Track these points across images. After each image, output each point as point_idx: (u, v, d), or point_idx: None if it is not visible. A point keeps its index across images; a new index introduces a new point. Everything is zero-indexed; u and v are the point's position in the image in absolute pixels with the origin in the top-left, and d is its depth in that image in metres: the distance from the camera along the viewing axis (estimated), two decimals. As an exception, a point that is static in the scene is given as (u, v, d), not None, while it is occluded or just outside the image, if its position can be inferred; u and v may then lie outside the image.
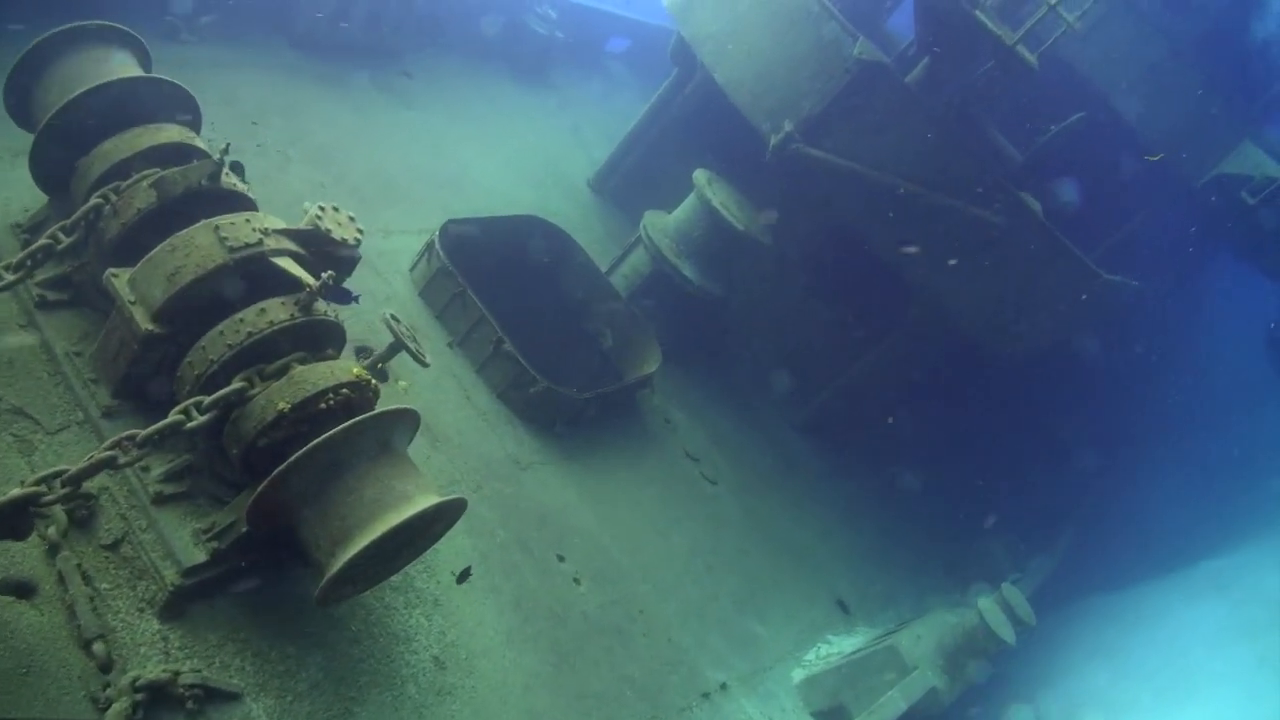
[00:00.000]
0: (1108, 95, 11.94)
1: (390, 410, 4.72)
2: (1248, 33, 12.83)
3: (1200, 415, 15.81)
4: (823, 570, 9.40)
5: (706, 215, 9.25)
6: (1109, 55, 11.90)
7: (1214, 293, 16.74)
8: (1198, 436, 15.35)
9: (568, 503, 7.38)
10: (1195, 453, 14.78)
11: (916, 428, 11.36)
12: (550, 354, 9.43)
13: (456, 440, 7.01)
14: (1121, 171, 12.34)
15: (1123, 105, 11.95)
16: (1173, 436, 15.14)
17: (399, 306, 7.66)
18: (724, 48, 9.57)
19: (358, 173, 8.66)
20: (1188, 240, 13.26)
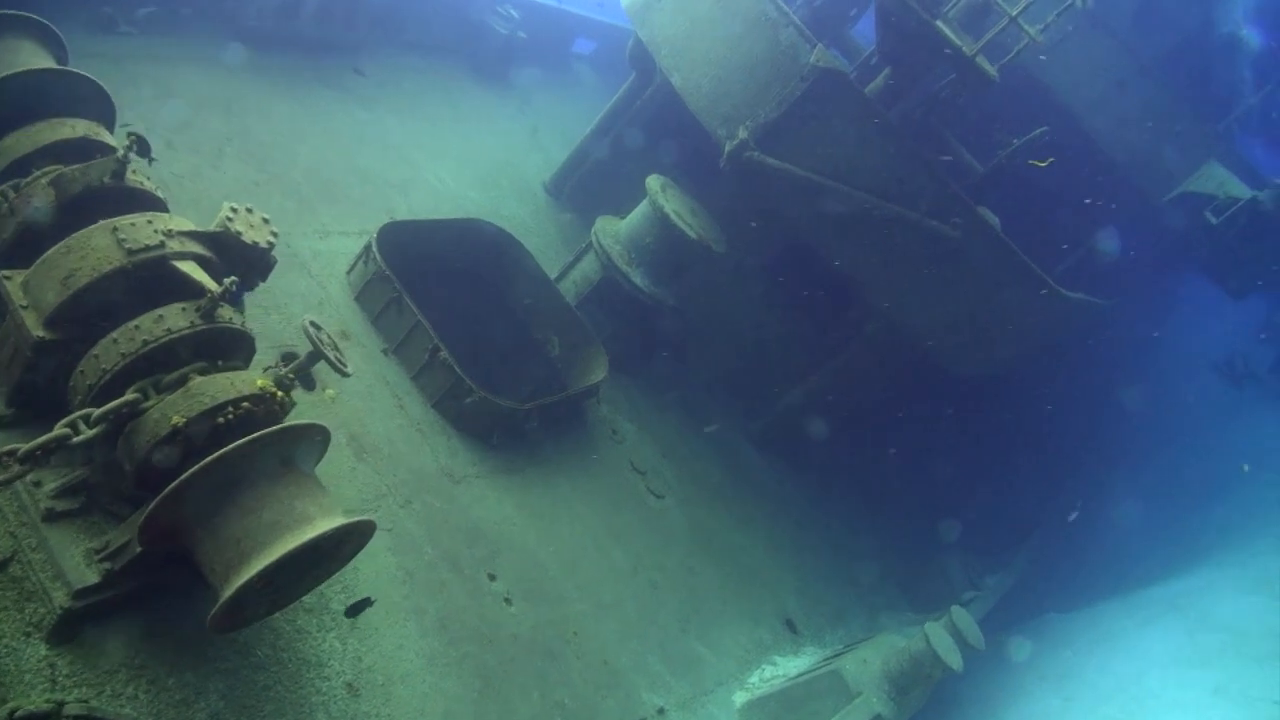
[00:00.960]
0: (1073, 110, 11.81)
1: (293, 426, 4.46)
2: (1214, 51, 12.77)
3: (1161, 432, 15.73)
4: (772, 588, 9.18)
5: (659, 222, 9.02)
6: (1075, 70, 11.77)
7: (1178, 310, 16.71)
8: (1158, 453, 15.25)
9: (503, 518, 7.12)
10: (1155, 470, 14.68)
11: (873, 442, 11.19)
12: (496, 362, 9.20)
13: (386, 451, 6.74)
14: (1086, 187, 12.22)
15: (1088, 121, 11.83)
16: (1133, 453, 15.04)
17: (333, 310, 7.39)
18: (681, 51, 9.35)
19: (297, 171, 8.37)
20: (1152, 258, 13.14)
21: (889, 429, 11.39)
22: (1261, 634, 8.71)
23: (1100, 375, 13.90)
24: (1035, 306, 9.18)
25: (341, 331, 7.28)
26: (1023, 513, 12.67)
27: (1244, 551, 11.02)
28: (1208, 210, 11.21)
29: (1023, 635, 10.43)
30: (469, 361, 8.98)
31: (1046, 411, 13.15)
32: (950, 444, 12.18)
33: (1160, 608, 9.94)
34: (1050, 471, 13.62)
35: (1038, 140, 9.88)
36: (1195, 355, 18.01)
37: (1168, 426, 15.89)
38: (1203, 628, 9.06)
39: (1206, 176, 11.63)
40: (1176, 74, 12.37)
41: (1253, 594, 9.51)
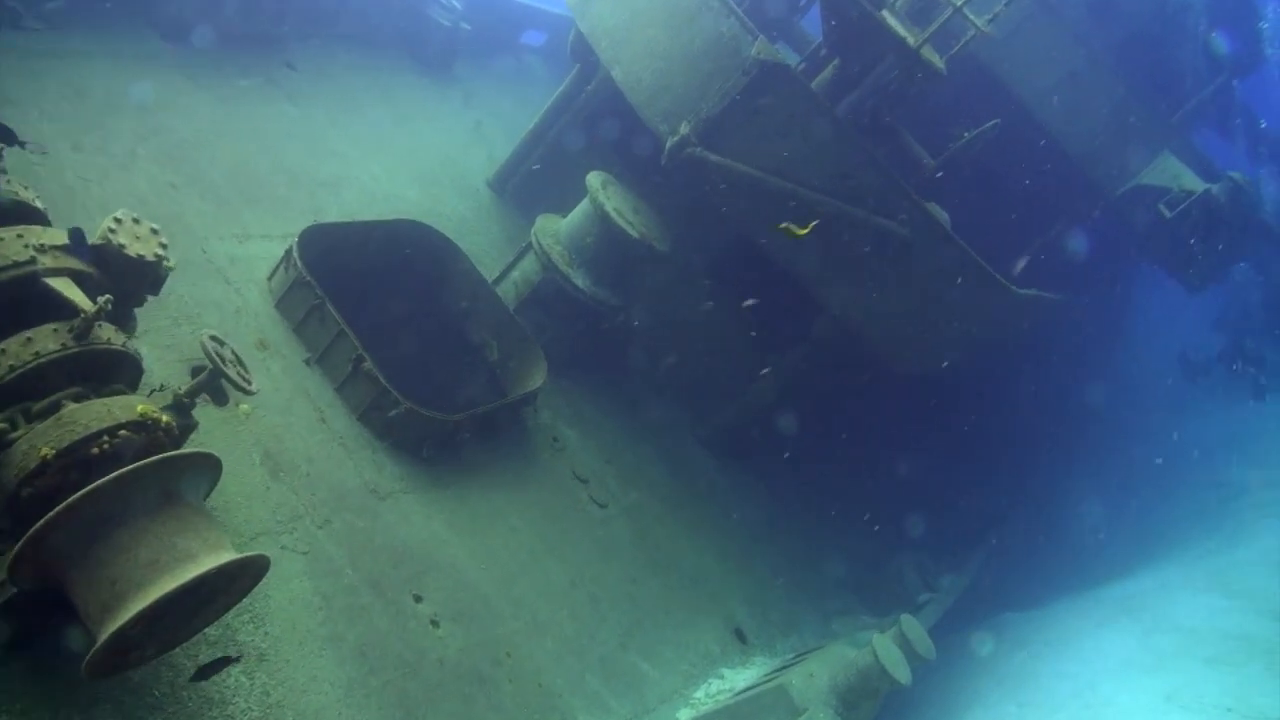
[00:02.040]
0: (1025, 102, 11.61)
1: (173, 456, 4.13)
2: (1168, 43, 12.62)
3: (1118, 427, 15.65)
4: (720, 597, 8.93)
5: (599, 221, 8.72)
6: (1026, 60, 11.58)
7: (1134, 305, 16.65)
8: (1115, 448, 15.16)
9: (432, 535, 6.81)
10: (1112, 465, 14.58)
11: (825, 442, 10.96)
12: (433, 368, 8.88)
13: (305, 469, 6.40)
14: (1040, 180, 12.06)
15: (1039, 112, 11.64)
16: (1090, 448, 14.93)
17: (250, 319, 7.03)
18: (622, 44, 9.04)
19: (217, 172, 7.98)
20: (1109, 251, 13.01)
21: (842, 430, 11.16)
22: (1214, 635, 8.57)
23: (1057, 370, 13.77)
24: (985, 304, 8.97)
25: (259, 341, 6.93)
26: (979, 511, 12.49)
27: (1198, 548, 10.93)
28: (1161, 203, 11.06)
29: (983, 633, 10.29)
30: (403, 369, 8.65)
31: (1002, 408, 12.99)
32: (904, 444, 11.98)
33: (1115, 608, 9.80)
34: (1007, 469, 13.47)
35: (988, 133, 9.65)
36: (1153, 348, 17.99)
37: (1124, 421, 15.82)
38: (1157, 629, 8.92)
39: (1161, 169, 11.48)
40: (1130, 65, 12.21)
41: (1206, 593, 9.39)
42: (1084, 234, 12.71)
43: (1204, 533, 11.52)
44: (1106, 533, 12.66)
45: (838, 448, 11.40)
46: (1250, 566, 9.79)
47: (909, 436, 11.90)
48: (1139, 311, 17.34)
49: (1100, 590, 10.66)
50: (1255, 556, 10.03)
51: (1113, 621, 9.49)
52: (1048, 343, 12.84)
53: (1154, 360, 17.86)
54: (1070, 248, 12.49)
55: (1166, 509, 12.91)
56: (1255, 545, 10.37)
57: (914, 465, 11.98)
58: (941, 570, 11.11)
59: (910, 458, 11.96)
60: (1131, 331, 17.68)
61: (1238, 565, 9.91)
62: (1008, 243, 12.02)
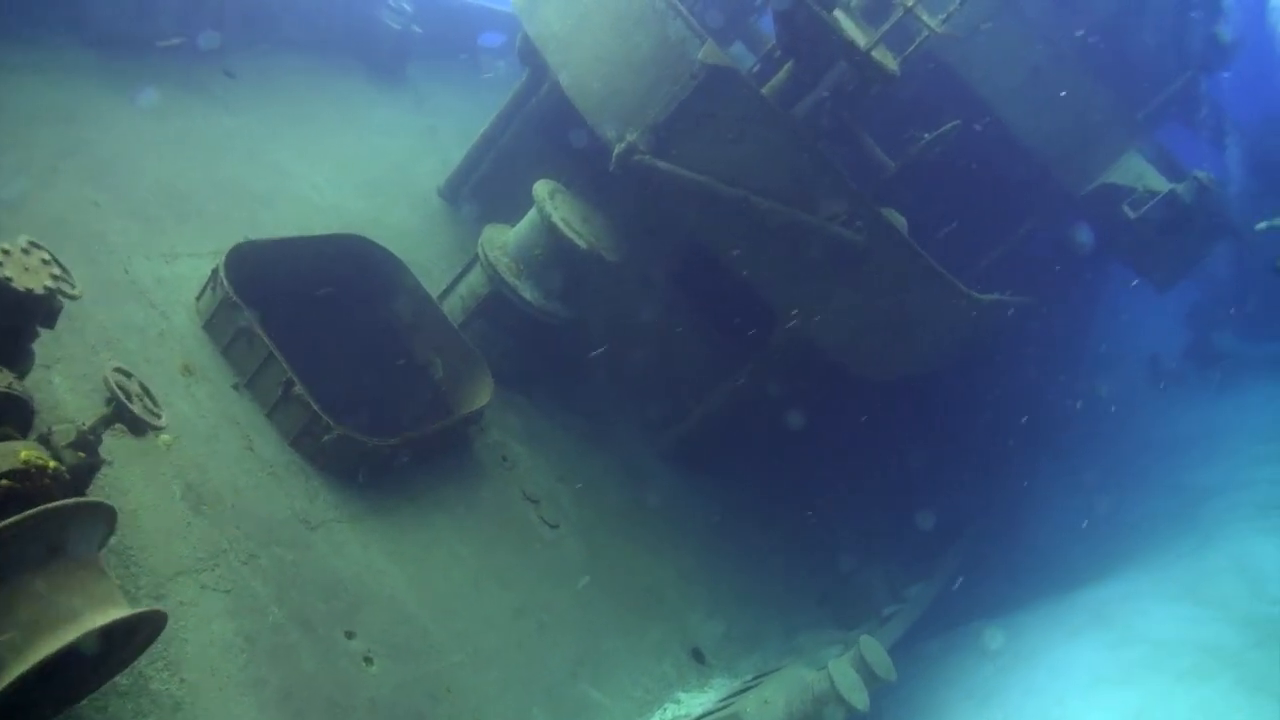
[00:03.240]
0: (988, 100, 11.40)
1: (58, 507, 3.83)
2: (1133, 39, 12.44)
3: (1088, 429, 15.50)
4: (679, 615, 8.67)
5: (547, 232, 8.44)
6: (988, 58, 11.36)
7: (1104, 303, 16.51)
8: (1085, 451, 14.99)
9: (368, 565, 6.52)
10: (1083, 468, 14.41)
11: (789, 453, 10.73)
12: (376, 387, 8.59)
13: (230, 500, 6.10)
14: (1004, 181, 11.85)
15: (1002, 110, 11.43)
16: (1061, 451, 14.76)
17: (175, 343, 6.72)
18: (569, 48, 8.78)
19: (144, 188, 7.67)
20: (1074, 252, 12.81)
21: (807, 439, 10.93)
22: (1184, 647, 8.40)
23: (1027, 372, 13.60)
24: (945, 310, 8.75)
25: (184, 366, 6.62)
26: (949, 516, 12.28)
27: (1169, 553, 10.76)
28: (1125, 204, 10.87)
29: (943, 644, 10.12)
30: (345, 390, 8.37)
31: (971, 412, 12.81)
32: (870, 452, 11.78)
33: (1085, 617, 9.62)
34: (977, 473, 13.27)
35: (948, 135, 9.43)
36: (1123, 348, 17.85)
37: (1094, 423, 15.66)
38: (1126, 641, 8.74)
39: (1125, 168, 11.29)
40: (1094, 62, 12.01)
41: (1176, 601, 9.22)
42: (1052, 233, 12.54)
43: (1175, 536, 11.37)
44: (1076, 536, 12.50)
45: (802, 457, 11.17)
46: (1220, 574, 9.64)
47: (875, 444, 11.68)
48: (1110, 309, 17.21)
49: (1071, 596, 10.47)
50: (1225, 563, 9.88)
51: (1083, 632, 9.30)
52: (1015, 345, 12.67)
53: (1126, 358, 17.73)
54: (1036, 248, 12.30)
55: (1138, 510, 12.75)
56: (1225, 551, 10.22)
57: (881, 473, 11.78)
58: (910, 579, 10.90)
59: (877, 465, 11.75)
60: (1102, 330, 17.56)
61: (1208, 572, 9.75)
62: (973, 245, 11.82)
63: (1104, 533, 12.34)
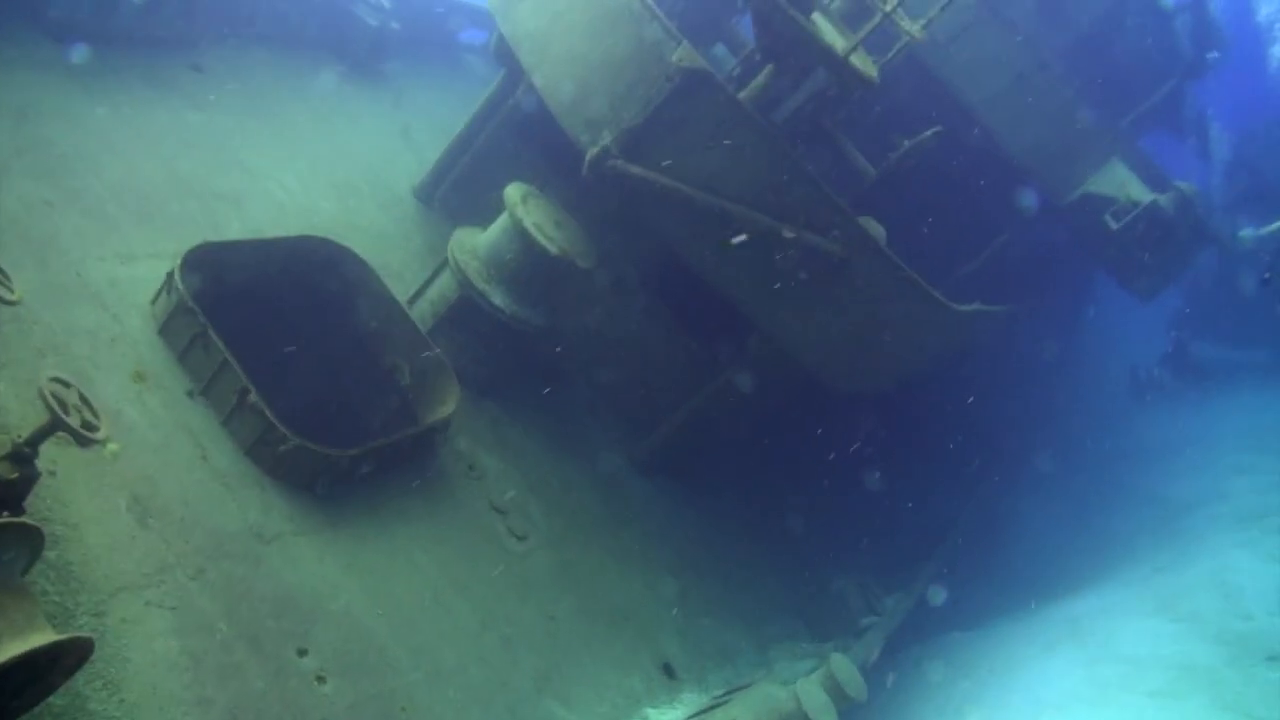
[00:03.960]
0: (971, 107, 11.27)
1: (-28, 529, 3.66)
2: (1117, 45, 12.32)
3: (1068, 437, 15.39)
4: (649, 628, 8.52)
5: (518, 237, 8.27)
6: (971, 64, 11.23)
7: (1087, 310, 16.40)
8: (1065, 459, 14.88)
9: (323, 579, 6.34)
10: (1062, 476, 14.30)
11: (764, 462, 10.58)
12: (344, 393, 8.42)
13: (179, 513, 5.91)
14: (987, 189, 11.72)
15: (985, 117, 11.30)
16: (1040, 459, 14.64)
17: (128, 348, 6.52)
18: (543, 48, 8.60)
19: (102, 187, 7.45)
20: (1056, 260, 12.71)
21: (783, 447, 10.80)
22: (1158, 665, 8.29)
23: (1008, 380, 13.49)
24: (924, 321, 8.62)
25: (136, 373, 6.42)
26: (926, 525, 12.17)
27: (1146, 565, 10.65)
28: (1108, 214, 10.74)
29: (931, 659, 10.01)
30: (311, 396, 8.20)
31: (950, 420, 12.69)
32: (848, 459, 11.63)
33: (1061, 631, 9.49)
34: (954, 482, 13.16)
35: (928, 142, 9.30)
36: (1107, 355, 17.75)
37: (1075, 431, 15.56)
38: (1102, 658, 8.62)
39: (1108, 177, 11.17)
40: (1078, 68, 11.90)
41: (1153, 617, 9.11)
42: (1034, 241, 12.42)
43: (1153, 549, 11.26)
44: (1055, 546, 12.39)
45: (778, 466, 11.03)
46: (1197, 589, 9.52)
47: (853, 452, 11.54)
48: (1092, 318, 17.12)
49: (1048, 610, 10.35)
50: (1202, 578, 9.77)
51: (1058, 647, 9.18)
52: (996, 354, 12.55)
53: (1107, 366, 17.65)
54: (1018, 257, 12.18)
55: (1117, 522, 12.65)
56: (1202, 565, 10.11)
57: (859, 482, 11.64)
58: (886, 590, 10.77)
59: (855, 474, 11.62)
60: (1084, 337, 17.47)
61: (1185, 587, 9.64)
62: (955, 252, 11.70)
63: (1083, 544, 12.24)
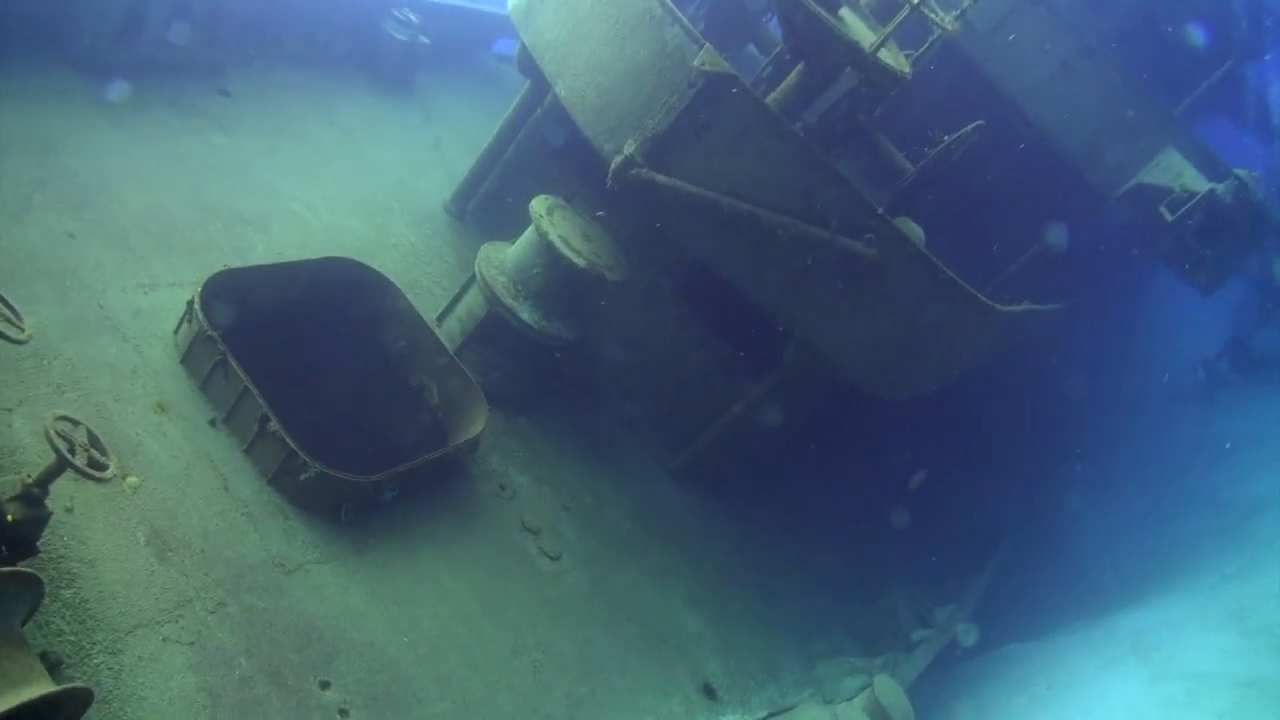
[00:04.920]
0: (1015, 99, 10.86)
1: (-37, 578, 3.57)
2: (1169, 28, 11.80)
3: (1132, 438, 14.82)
4: (689, 648, 8.29)
5: (545, 251, 8.10)
6: (1014, 54, 10.82)
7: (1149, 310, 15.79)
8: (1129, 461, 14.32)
9: (348, 609, 6.22)
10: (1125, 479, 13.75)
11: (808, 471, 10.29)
12: (374, 413, 8.32)
13: (199, 545, 5.84)
14: (1036, 182, 11.30)
15: (1030, 109, 10.88)
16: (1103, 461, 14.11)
17: (149, 379, 6.47)
18: (565, 57, 8.43)
19: (125, 216, 7.44)
20: (1113, 253, 12.22)
21: (828, 455, 10.50)
22: (1225, 682, 7.85)
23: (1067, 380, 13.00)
24: (966, 323, 8.28)
25: (157, 404, 6.37)
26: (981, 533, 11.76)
27: (1214, 574, 10.14)
28: (1162, 206, 10.27)
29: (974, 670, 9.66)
30: (341, 418, 8.11)
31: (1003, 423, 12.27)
32: (897, 467, 11.30)
33: (1122, 646, 9.06)
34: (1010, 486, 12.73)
35: (969, 137, 8.94)
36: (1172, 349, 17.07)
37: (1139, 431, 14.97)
38: (1165, 675, 8.19)
39: (1162, 166, 10.68)
40: (1129, 54, 11.43)
41: (1219, 631, 8.64)
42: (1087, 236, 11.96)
43: (1218, 556, 10.73)
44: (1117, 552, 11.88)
45: (822, 475, 10.74)
46: (1266, 600, 9.03)
47: (902, 458, 11.19)
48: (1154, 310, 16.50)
49: (1109, 621, 9.90)
50: (1273, 587, 9.26)
51: (1120, 663, 8.76)
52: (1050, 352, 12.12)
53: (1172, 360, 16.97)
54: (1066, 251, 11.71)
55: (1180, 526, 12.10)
56: (1273, 573, 9.59)
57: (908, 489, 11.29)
58: (938, 601, 10.41)
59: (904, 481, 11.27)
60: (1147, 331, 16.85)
61: (1254, 598, 9.15)
62: (1001, 251, 11.28)
63: (1145, 550, 11.73)
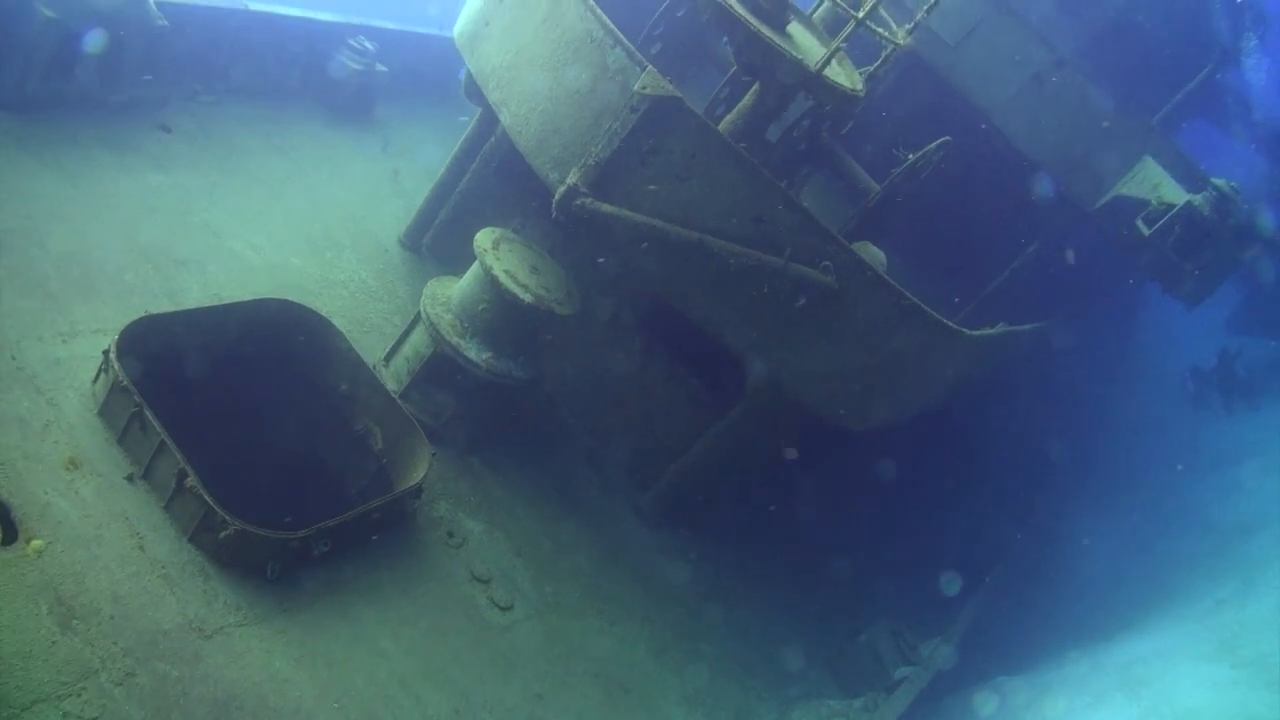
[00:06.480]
0: (986, 111, 10.53)
1: None
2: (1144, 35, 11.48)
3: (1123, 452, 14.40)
4: (654, 699, 7.87)
5: (491, 286, 7.76)
6: (983, 66, 10.50)
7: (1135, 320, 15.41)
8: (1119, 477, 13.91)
9: (272, 674, 5.85)
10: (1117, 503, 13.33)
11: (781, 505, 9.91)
12: (321, 460, 7.97)
13: (108, 611, 5.48)
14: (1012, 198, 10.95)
15: (1003, 122, 10.55)
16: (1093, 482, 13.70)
17: (63, 433, 6.13)
18: (510, 84, 8.12)
19: (46, 260, 7.12)
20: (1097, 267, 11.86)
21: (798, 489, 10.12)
22: (1218, 718, 7.42)
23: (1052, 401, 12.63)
24: (934, 351, 7.91)
25: (69, 460, 6.03)
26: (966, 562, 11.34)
27: (1206, 600, 9.72)
28: (1139, 219, 9.91)
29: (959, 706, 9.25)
30: (282, 466, 7.77)
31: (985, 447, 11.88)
32: (873, 496, 10.90)
33: (1113, 679, 8.64)
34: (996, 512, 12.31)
35: (934, 155, 8.63)
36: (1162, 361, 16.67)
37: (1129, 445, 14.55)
38: (1156, 709, 7.77)
39: (1140, 178, 10.33)
40: (1105, 61, 11.10)
41: (1211, 662, 8.23)
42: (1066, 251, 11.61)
43: (1213, 578, 10.31)
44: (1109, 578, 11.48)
45: (796, 508, 10.35)
46: (1261, 627, 8.61)
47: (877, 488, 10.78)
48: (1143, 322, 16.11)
49: (1098, 653, 9.48)
50: (1266, 614, 8.85)
51: (1109, 698, 8.34)
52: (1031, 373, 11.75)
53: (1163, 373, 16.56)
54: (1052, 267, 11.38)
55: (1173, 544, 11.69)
56: (1267, 599, 9.18)
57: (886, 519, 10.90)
58: (921, 636, 9.99)
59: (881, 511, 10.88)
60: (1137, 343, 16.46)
61: (1247, 625, 8.74)
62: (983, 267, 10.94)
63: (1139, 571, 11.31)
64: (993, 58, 10.62)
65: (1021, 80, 10.59)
